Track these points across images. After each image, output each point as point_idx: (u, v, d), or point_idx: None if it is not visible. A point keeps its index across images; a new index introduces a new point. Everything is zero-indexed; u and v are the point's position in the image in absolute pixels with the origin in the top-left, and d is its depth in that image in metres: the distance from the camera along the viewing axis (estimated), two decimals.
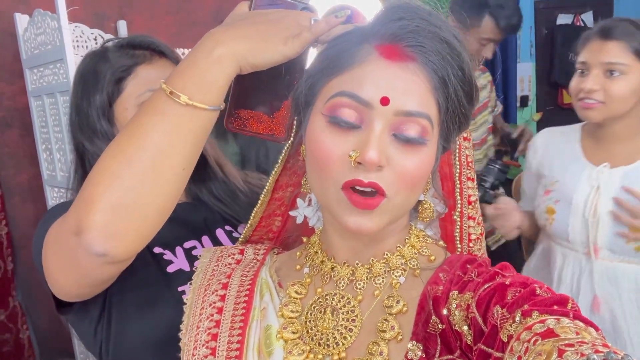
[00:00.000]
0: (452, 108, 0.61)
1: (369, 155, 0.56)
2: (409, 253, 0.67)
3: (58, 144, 2.13)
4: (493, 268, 0.61)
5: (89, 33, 2.16)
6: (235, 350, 0.64)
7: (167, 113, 0.66)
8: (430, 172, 0.64)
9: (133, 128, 0.67)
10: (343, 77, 0.60)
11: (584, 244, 1.50)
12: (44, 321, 2.42)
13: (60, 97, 2.01)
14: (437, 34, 0.58)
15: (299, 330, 0.65)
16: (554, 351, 0.43)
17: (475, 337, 0.56)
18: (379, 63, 0.58)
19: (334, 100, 0.59)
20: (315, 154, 0.61)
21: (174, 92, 0.65)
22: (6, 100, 2.28)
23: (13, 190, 2.33)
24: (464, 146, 0.70)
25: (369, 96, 0.57)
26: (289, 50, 0.66)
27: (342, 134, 0.59)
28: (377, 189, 0.58)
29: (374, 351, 0.60)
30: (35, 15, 2.03)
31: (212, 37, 0.66)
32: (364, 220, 0.59)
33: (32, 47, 2.11)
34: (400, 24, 0.58)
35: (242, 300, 0.69)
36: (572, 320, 0.49)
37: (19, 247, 2.37)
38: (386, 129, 0.58)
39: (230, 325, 0.67)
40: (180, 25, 2.67)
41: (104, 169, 0.67)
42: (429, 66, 0.58)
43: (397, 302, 0.63)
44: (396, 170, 0.59)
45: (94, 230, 0.66)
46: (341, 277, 0.67)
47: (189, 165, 0.69)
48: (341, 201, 0.59)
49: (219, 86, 0.66)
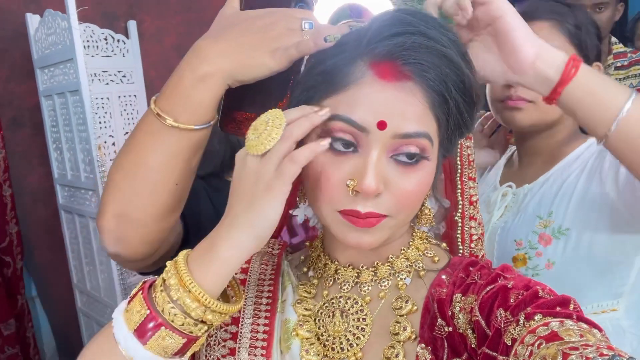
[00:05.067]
0: (452, 121, 0.60)
1: (366, 184, 0.55)
2: (414, 255, 0.67)
3: (68, 143, 2.15)
4: (495, 270, 0.61)
5: (99, 33, 2.18)
6: (263, 341, 0.64)
7: (155, 133, 0.67)
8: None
9: (130, 143, 0.70)
10: (337, 97, 0.57)
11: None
12: (56, 319, 2.45)
13: (70, 96, 2.03)
14: (434, 47, 0.55)
15: (313, 330, 0.64)
16: (558, 355, 0.43)
17: (479, 340, 0.55)
18: (373, 85, 0.56)
19: (329, 125, 0.57)
20: (312, 178, 0.59)
21: (160, 114, 0.65)
22: (17, 100, 2.30)
23: (24, 190, 2.35)
24: (465, 145, 0.69)
25: (365, 121, 0.55)
26: (275, 65, 0.64)
27: (338, 158, 0.57)
28: (376, 217, 0.57)
29: (391, 354, 0.60)
30: (46, 16, 2.05)
31: (197, 53, 0.64)
32: (364, 236, 0.59)
33: (42, 47, 2.13)
34: (396, 41, 0.55)
35: (266, 289, 0.69)
36: (576, 322, 0.49)
37: (33, 246, 2.40)
38: (383, 152, 0.57)
39: (254, 312, 0.66)
40: (189, 24, 2.68)
41: (110, 180, 0.72)
42: (427, 84, 0.56)
43: (406, 302, 0.63)
44: (395, 193, 0.57)
45: (106, 233, 0.71)
46: (345, 280, 0.66)
47: (182, 180, 0.70)
48: (339, 222, 0.59)
49: (205, 106, 0.65)
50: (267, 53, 0.63)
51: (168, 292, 0.54)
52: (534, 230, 1.08)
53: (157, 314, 0.53)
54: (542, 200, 1.09)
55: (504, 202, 1.15)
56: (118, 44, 2.27)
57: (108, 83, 2.23)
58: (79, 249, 2.25)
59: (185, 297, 0.53)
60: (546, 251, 1.07)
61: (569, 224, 1.05)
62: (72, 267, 2.36)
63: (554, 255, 1.06)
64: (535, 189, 1.12)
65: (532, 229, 1.08)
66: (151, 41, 2.56)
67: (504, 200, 1.16)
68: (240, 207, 0.56)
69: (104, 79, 2.21)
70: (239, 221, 0.55)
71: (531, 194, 1.12)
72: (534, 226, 1.08)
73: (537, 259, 1.08)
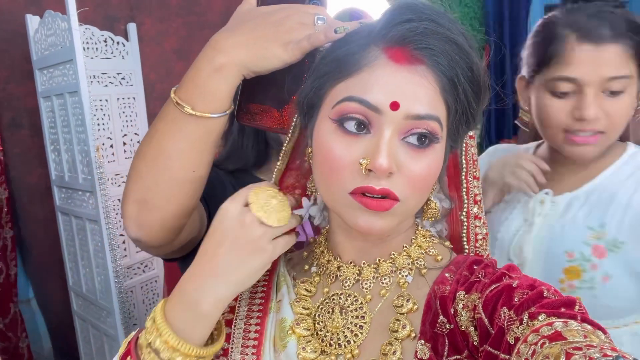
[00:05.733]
0: (461, 109, 0.61)
1: (379, 162, 0.55)
2: (416, 253, 0.67)
3: (66, 144, 2.14)
4: (500, 269, 0.61)
5: (99, 35, 2.18)
6: (254, 340, 0.65)
7: (175, 121, 0.70)
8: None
9: (152, 132, 0.73)
10: (351, 81, 0.59)
11: None
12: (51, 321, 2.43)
13: (69, 97, 2.02)
14: (445, 34, 0.57)
15: (311, 328, 0.65)
16: (561, 354, 0.43)
17: (481, 338, 0.55)
18: (387, 67, 0.57)
19: (342, 105, 0.58)
20: (324, 160, 0.60)
21: (179, 102, 0.68)
22: (16, 101, 2.30)
23: (22, 191, 2.35)
24: (469, 144, 0.70)
25: (378, 101, 0.57)
26: (288, 57, 0.66)
27: (351, 140, 0.58)
28: (390, 194, 0.57)
29: (388, 351, 0.60)
30: (46, 17, 2.05)
31: (213, 45, 0.68)
32: (375, 220, 0.59)
33: (42, 48, 2.12)
34: (409, 26, 0.57)
35: (259, 290, 0.70)
36: (580, 323, 0.49)
37: (30, 247, 2.38)
38: (395, 133, 0.58)
39: (247, 313, 0.68)
40: (190, 27, 2.69)
41: (133, 167, 0.75)
42: (438, 68, 0.58)
43: (407, 300, 0.63)
44: (406, 175, 0.58)
45: (128, 219, 0.75)
46: (347, 277, 0.67)
47: (200, 167, 0.73)
48: (351, 205, 0.59)
49: (222, 95, 0.68)
50: (280, 46, 0.66)
51: (157, 353, 0.59)
52: (585, 241, 1.05)
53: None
54: (592, 211, 1.06)
55: (542, 210, 1.12)
56: (118, 46, 2.27)
57: (107, 85, 2.23)
58: (75, 251, 2.24)
59: (176, 356, 0.59)
60: (602, 264, 1.03)
61: (624, 237, 1.02)
62: (68, 269, 2.34)
63: (610, 268, 1.03)
64: (581, 199, 1.09)
65: (584, 240, 1.05)
66: (151, 44, 2.56)
67: (543, 208, 1.12)
68: (229, 260, 0.61)
69: (103, 81, 2.21)
70: (224, 274, 0.61)
71: (578, 203, 1.09)
72: (585, 237, 1.05)
73: (592, 272, 1.04)
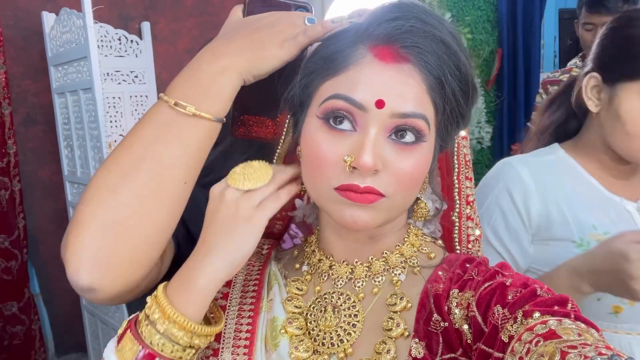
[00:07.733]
0: (449, 107, 0.60)
1: (363, 160, 0.55)
2: (409, 251, 0.67)
3: (79, 140, 2.17)
4: (493, 267, 0.61)
5: (114, 33, 2.21)
6: (245, 340, 0.64)
7: (171, 124, 0.63)
8: (428, 172, 0.64)
9: (132, 141, 0.64)
10: (338, 79, 0.59)
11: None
12: (59, 315, 2.46)
13: (83, 94, 2.05)
14: (432, 33, 0.57)
15: (303, 327, 0.65)
16: (556, 353, 0.43)
17: (475, 336, 0.55)
18: (373, 65, 0.57)
19: (329, 103, 0.58)
20: (310, 156, 0.60)
21: (179, 102, 0.63)
22: (31, 97, 2.34)
23: (34, 185, 2.38)
24: (462, 145, 0.70)
25: (364, 99, 0.56)
26: (285, 54, 0.65)
27: (337, 137, 0.58)
28: (373, 191, 0.57)
29: (382, 350, 0.59)
30: (62, 14, 2.08)
31: (212, 51, 0.65)
32: (360, 214, 0.58)
33: (57, 44, 2.15)
34: (395, 24, 0.56)
35: (250, 289, 0.69)
36: (574, 322, 0.48)
37: (39, 240, 2.42)
38: (382, 131, 0.57)
39: (237, 313, 0.67)
40: (203, 28, 2.71)
41: (99, 185, 0.62)
42: (425, 67, 0.57)
43: (401, 299, 0.62)
44: (393, 172, 0.58)
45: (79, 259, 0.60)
46: (339, 276, 0.66)
47: (191, 179, 0.66)
48: (336, 200, 0.59)
49: (224, 97, 0.65)
50: (276, 45, 0.65)
51: (154, 325, 0.58)
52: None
53: (147, 347, 0.57)
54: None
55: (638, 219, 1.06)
56: (131, 44, 2.30)
57: (120, 82, 2.26)
58: None
59: (172, 327, 0.58)
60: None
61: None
62: None
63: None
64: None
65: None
66: (164, 43, 2.59)
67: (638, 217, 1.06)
68: (217, 235, 0.61)
69: (116, 79, 2.24)
70: (215, 249, 0.60)
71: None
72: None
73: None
